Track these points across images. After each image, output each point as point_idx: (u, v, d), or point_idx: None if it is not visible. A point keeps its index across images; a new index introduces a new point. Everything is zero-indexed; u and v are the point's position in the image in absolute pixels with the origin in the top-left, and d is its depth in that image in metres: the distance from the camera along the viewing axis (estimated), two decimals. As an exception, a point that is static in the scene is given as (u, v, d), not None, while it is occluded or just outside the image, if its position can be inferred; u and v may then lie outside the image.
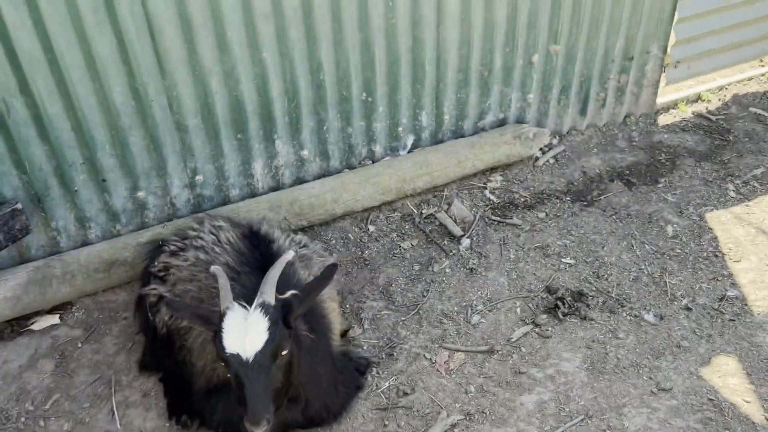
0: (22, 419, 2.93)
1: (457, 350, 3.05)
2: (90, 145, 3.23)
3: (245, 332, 2.03)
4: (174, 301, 2.20)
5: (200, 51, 3.20)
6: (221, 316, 2.08)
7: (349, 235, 3.78)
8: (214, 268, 2.26)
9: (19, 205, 3.14)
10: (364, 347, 3.11)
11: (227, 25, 3.19)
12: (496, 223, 3.83)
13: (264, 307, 2.09)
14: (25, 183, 3.20)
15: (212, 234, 2.99)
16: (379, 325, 3.22)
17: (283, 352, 2.10)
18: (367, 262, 3.60)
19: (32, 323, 3.38)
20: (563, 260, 3.53)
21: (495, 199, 4.01)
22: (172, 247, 2.97)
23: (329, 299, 2.82)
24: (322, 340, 2.58)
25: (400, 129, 3.97)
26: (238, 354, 2.02)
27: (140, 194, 3.48)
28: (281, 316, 2.12)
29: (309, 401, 2.49)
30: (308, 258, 2.98)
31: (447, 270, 3.52)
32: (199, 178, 3.57)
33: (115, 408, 2.94)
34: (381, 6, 3.47)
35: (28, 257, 3.40)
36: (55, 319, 3.39)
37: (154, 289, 2.88)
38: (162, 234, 3.41)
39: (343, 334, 3.05)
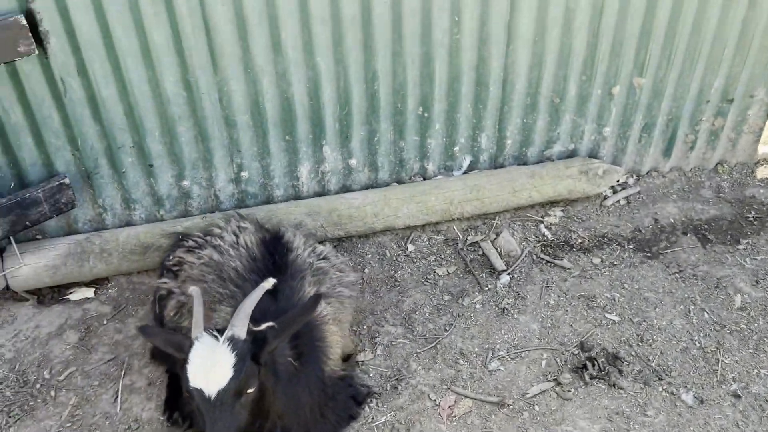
0: (37, 386, 3.04)
1: (466, 396, 2.85)
2: (140, 130, 3.29)
3: (210, 367, 1.94)
4: (147, 327, 2.14)
5: (254, 50, 3.17)
6: (191, 345, 2.01)
7: (387, 251, 3.65)
8: (192, 290, 2.19)
9: (66, 180, 3.26)
10: (371, 374, 2.97)
11: (282, 26, 3.14)
12: (543, 262, 3.55)
13: (233, 341, 1.99)
14: (77, 159, 3.32)
15: (234, 235, 2.97)
16: (391, 353, 3.07)
17: (249, 390, 2.00)
18: (397, 284, 3.46)
19: (70, 293, 3.52)
20: (607, 315, 3.21)
21: (549, 236, 3.73)
22: (191, 243, 2.97)
23: (333, 320, 2.70)
24: (311, 366, 2.47)
25: (456, 148, 3.77)
26: (201, 389, 1.94)
27: (185, 183, 3.52)
28: (251, 352, 2.02)
29: (288, 429, 2.39)
30: (324, 272, 2.88)
31: (477, 306, 3.30)
32: (244, 174, 3.57)
33: (120, 391, 2.99)
34: (446, 20, 3.29)
35: (75, 229, 3.54)
36: (90, 292, 3.52)
37: (165, 282, 2.89)
38: (198, 225, 3.43)
39: (347, 357, 2.92)
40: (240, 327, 2.03)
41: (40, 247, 3.40)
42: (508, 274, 3.46)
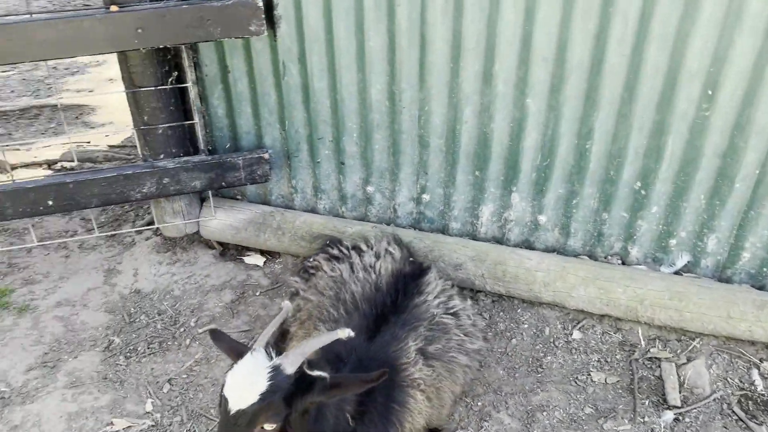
0: (181, 329, 3.32)
1: None
2: (340, 127, 3.33)
3: (243, 384, 1.84)
4: (217, 331, 2.10)
5: (463, 75, 2.96)
6: (244, 355, 1.93)
7: (546, 329, 3.19)
8: (284, 304, 2.10)
9: (266, 155, 3.45)
10: (459, 459, 2.62)
11: (498, 57, 2.86)
12: (734, 418, 2.75)
13: (275, 371, 1.85)
14: (283, 139, 3.50)
15: (375, 257, 2.84)
16: (493, 446, 2.68)
17: (267, 426, 1.84)
18: (540, 370, 2.99)
19: (247, 255, 3.77)
20: None
21: (760, 388, 2.88)
22: (334, 251, 2.92)
23: (427, 386, 2.40)
24: (375, 429, 2.22)
25: (672, 241, 3.10)
26: (227, 400, 1.86)
27: (369, 188, 3.49)
28: (287, 391, 1.86)
29: None
30: (443, 330, 2.58)
31: (620, 436, 2.69)
32: (426, 197, 3.41)
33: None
34: (695, 90, 2.68)
35: (268, 200, 3.76)
36: (260, 261, 3.73)
37: (296, 281, 2.89)
38: (365, 232, 3.38)
39: (435, 430, 2.60)
40: (291, 362, 1.89)
41: (232, 207, 3.68)
42: (679, 414, 2.76)
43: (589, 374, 2.96)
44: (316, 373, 1.93)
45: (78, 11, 3.03)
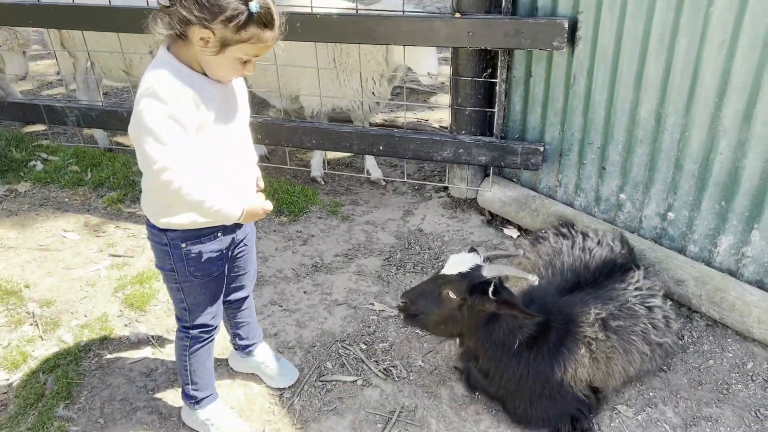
0: (439, 263, 4.29)
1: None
2: (608, 137, 3.88)
3: (455, 263, 2.70)
4: (474, 248, 2.91)
5: (724, 110, 3.27)
6: (472, 252, 2.78)
7: (750, 364, 3.31)
8: (531, 276, 2.67)
9: (541, 148, 4.18)
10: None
11: (761, 99, 3.11)
12: None
13: (477, 268, 2.65)
14: (559, 138, 4.19)
15: (596, 243, 3.39)
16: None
17: (450, 293, 2.65)
18: (724, 393, 3.17)
19: (507, 228, 4.58)
20: None
21: None
22: (563, 230, 3.53)
23: (598, 350, 2.84)
24: (542, 359, 2.80)
25: None
26: (441, 267, 2.75)
27: (622, 196, 3.97)
28: (474, 284, 2.63)
29: (484, 371, 2.91)
30: (630, 314, 2.96)
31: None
32: (670, 215, 3.75)
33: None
34: None
35: (535, 187, 4.49)
36: (515, 234, 4.50)
37: (526, 243, 3.58)
38: (603, 230, 3.89)
39: (596, 389, 3.04)
40: (488, 270, 2.66)
41: (505, 186, 4.52)
42: None
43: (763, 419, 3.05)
44: (501, 291, 2.67)
45: (433, 14, 4.16)
